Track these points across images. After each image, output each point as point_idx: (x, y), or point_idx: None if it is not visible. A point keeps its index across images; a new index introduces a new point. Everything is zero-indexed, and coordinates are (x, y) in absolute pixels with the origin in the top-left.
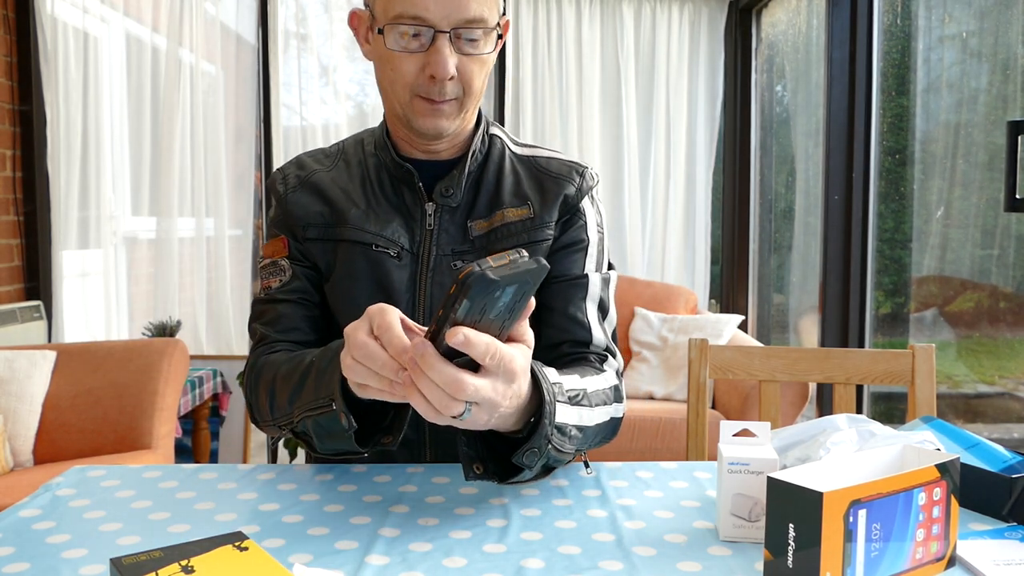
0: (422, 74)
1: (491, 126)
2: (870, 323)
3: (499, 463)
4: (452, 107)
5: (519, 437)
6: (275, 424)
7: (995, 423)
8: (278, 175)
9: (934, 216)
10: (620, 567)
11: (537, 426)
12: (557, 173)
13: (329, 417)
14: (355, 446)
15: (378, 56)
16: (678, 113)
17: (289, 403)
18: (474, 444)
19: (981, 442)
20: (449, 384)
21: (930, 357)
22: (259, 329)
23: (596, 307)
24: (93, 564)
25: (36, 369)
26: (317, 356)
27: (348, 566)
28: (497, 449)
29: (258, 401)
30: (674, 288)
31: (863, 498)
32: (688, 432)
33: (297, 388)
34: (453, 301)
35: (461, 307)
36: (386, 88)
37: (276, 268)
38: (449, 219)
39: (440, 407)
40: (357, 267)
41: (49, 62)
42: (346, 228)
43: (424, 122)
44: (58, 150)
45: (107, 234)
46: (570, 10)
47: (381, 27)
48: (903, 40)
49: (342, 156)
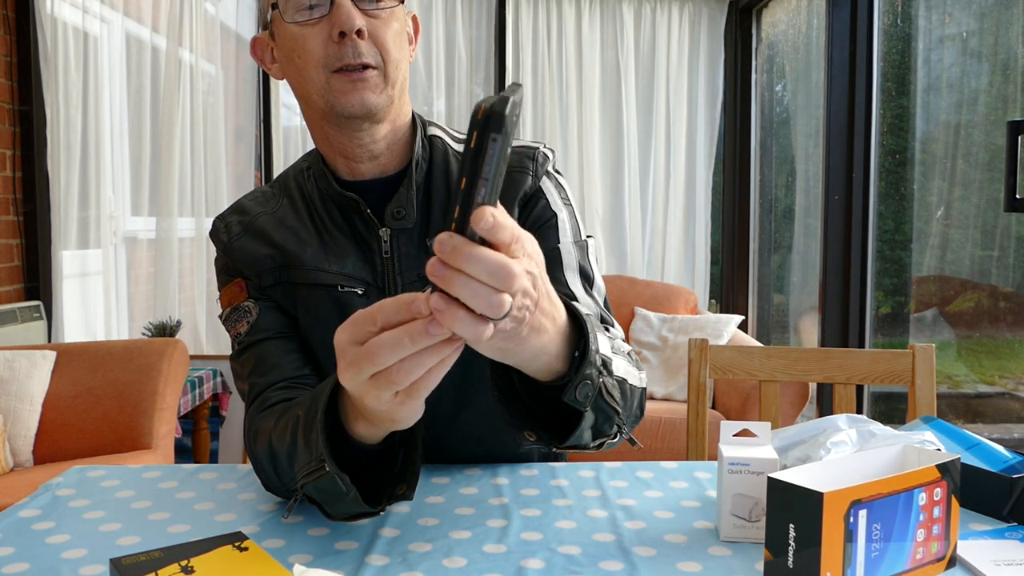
0: (330, 42)
1: (429, 127)
2: (870, 323)
3: (547, 430)
4: (375, 77)
5: (557, 388)
6: (285, 490)
7: (995, 423)
8: (219, 224)
9: (934, 216)
10: (620, 567)
11: (583, 357)
12: (508, 167)
13: (328, 479)
14: (365, 507)
15: (284, 56)
16: (678, 113)
17: (290, 468)
18: (516, 411)
19: (981, 442)
20: (498, 271)
21: (930, 357)
22: (246, 384)
23: (578, 277)
24: (93, 564)
25: (36, 369)
26: (303, 409)
27: (348, 566)
28: (539, 417)
29: (262, 469)
30: (674, 288)
31: (863, 498)
32: (688, 432)
33: (291, 450)
34: (475, 162)
35: (488, 163)
36: (301, 87)
37: (240, 312)
38: (407, 242)
39: (489, 308)
40: (324, 311)
41: (49, 62)
42: (303, 270)
43: (347, 100)
44: (58, 150)
45: (107, 234)
46: (570, 10)
47: (281, 10)
48: (903, 40)
49: (284, 193)
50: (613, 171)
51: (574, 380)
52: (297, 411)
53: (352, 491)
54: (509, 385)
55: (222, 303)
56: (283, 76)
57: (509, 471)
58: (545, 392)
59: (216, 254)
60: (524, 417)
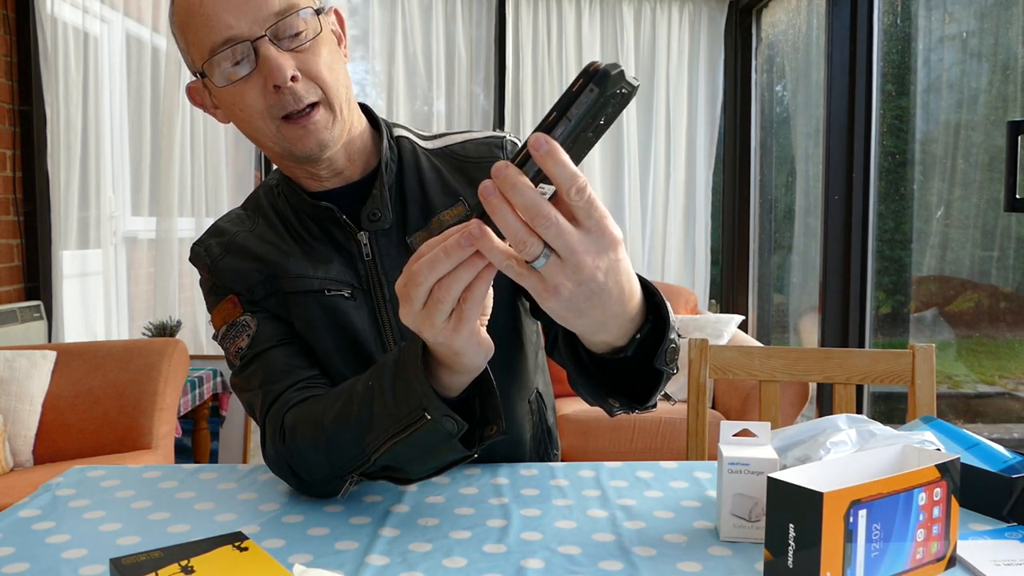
0: (268, 92)
1: (394, 128)
2: (870, 323)
3: (624, 395)
4: (321, 115)
5: (622, 360)
6: (340, 475)
7: (995, 423)
8: (199, 249)
9: (934, 216)
10: (620, 567)
11: (661, 322)
12: (478, 157)
13: (425, 431)
14: (463, 449)
15: (227, 107)
16: (678, 113)
17: (356, 443)
18: (593, 383)
19: (981, 442)
20: (529, 207)
21: (930, 357)
22: (258, 396)
23: None
24: (93, 564)
25: (36, 369)
26: (372, 379)
27: (348, 566)
28: (608, 384)
29: (306, 461)
30: (674, 288)
31: (863, 498)
32: (688, 432)
33: (363, 422)
34: (566, 101)
35: (578, 107)
36: (251, 134)
37: (238, 327)
38: (386, 242)
39: (516, 241)
40: (314, 317)
41: (49, 62)
42: (289, 279)
43: (303, 146)
44: (58, 150)
45: (107, 234)
46: (570, 10)
47: (203, 71)
48: (903, 40)
49: (259, 212)
50: (613, 171)
51: (662, 346)
52: (360, 386)
53: (463, 427)
54: (582, 364)
55: (215, 323)
56: (228, 122)
57: (509, 471)
58: (614, 366)
59: (201, 277)
60: (602, 387)
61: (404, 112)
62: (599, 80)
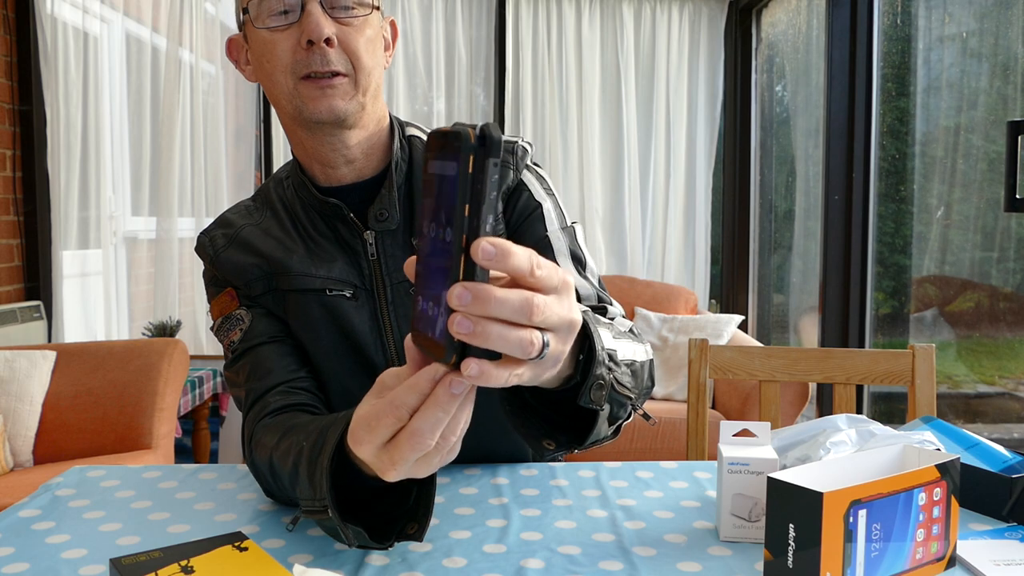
0: (299, 48)
1: (406, 127)
2: (870, 323)
3: (565, 433)
4: (344, 85)
5: (568, 391)
6: (286, 500)
7: (995, 423)
8: (204, 239)
9: (934, 217)
10: (620, 567)
11: (590, 359)
12: None
13: (330, 522)
14: (371, 543)
15: (256, 59)
16: (678, 113)
17: (292, 488)
18: (530, 422)
19: (981, 442)
20: (523, 308)
21: (930, 357)
22: (243, 390)
23: (570, 261)
24: (93, 564)
25: (36, 369)
26: (308, 440)
27: (348, 566)
28: (550, 420)
29: (262, 477)
30: (674, 288)
31: (863, 498)
32: (688, 432)
33: (293, 476)
34: (475, 188)
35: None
36: (270, 89)
37: (233, 320)
38: (392, 243)
39: (522, 349)
40: (313, 316)
41: (49, 62)
42: (290, 277)
43: (315, 106)
44: (58, 150)
45: (107, 234)
46: (570, 10)
47: (247, 8)
48: (903, 41)
49: (267, 205)
50: (613, 171)
51: (586, 383)
52: (302, 440)
53: (356, 541)
54: (519, 398)
55: (213, 314)
56: (255, 79)
57: (509, 471)
58: (555, 397)
59: (204, 267)
60: (539, 426)
61: (404, 112)
62: (494, 151)
